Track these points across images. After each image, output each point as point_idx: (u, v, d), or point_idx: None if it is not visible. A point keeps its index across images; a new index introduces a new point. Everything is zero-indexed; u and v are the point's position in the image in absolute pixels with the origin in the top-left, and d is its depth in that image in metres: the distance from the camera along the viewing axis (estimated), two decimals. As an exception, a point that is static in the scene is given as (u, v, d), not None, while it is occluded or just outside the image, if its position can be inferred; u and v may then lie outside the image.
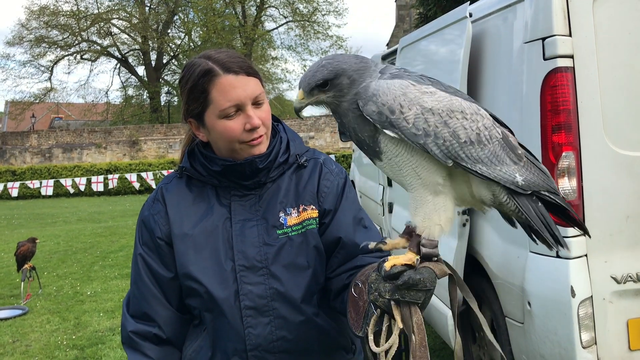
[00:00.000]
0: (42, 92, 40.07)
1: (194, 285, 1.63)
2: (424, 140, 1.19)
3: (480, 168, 1.22)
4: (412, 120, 1.19)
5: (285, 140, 1.73)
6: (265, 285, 1.61)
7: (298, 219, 1.66)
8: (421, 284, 1.21)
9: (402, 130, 1.19)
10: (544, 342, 2.87)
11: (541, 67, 2.83)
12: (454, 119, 1.22)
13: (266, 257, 1.62)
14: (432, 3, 10.25)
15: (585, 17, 2.79)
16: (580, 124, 2.78)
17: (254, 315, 1.60)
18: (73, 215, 17.57)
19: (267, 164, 1.65)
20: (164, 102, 41.07)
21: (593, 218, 2.79)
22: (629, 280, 2.80)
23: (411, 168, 1.23)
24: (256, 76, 1.62)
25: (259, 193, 1.69)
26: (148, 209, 1.76)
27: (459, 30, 3.62)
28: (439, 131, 1.20)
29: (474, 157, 1.22)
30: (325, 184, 1.72)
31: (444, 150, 1.20)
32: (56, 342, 5.67)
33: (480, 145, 1.23)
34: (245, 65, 1.59)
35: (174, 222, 1.69)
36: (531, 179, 1.27)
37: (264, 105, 1.62)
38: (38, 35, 37.88)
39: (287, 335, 1.62)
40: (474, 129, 1.23)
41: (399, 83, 1.23)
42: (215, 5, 37.74)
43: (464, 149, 1.21)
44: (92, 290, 7.58)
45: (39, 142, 30.42)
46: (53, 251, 10.65)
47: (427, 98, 1.22)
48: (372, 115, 1.20)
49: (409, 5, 29.21)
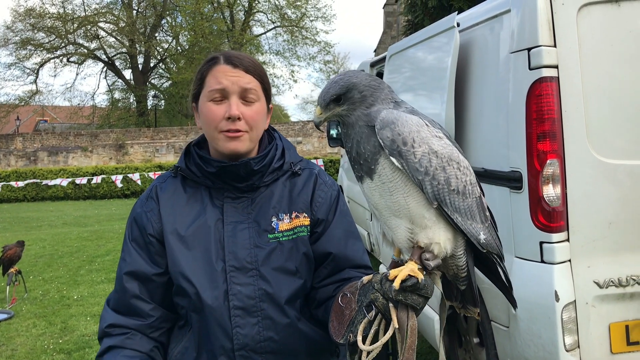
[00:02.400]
0: (27, 94, 39.67)
1: (184, 284, 1.65)
2: (422, 177, 1.27)
3: (457, 217, 1.31)
4: (419, 157, 1.27)
5: (280, 147, 1.78)
6: (255, 286, 1.64)
7: (290, 225, 1.69)
8: (424, 290, 1.28)
9: (408, 162, 1.27)
10: (528, 345, 2.92)
11: (527, 77, 2.89)
12: (451, 166, 1.31)
13: (256, 258, 1.65)
14: (420, 11, 10.31)
15: (570, 28, 2.86)
16: (565, 133, 2.84)
17: (242, 315, 1.63)
18: (58, 219, 17.41)
19: (261, 167, 1.69)
20: (151, 106, 40.83)
21: (577, 224, 2.86)
22: (611, 285, 2.87)
23: (402, 196, 1.30)
24: (255, 76, 1.66)
25: (252, 197, 1.72)
26: (141, 206, 1.77)
27: (446, 39, 3.68)
28: (437, 173, 1.28)
29: (455, 205, 1.31)
30: (320, 194, 1.77)
31: (435, 191, 1.28)
32: (42, 346, 5.64)
33: (463, 197, 1.32)
34: (248, 64, 1.65)
35: (167, 221, 1.71)
36: (490, 240, 1.38)
37: (254, 106, 1.66)
38: (24, 38, 37.48)
39: (274, 336, 1.64)
40: (462, 181, 1.33)
41: (416, 120, 1.31)
42: (203, 9, 37.66)
43: (450, 195, 1.30)
44: (79, 295, 7.54)
45: (24, 145, 30.12)
46: (39, 255, 10.56)
47: (435, 141, 1.31)
48: (385, 140, 1.27)
49: (396, 12, 29.38)
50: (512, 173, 3.01)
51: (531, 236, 2.90)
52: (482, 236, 1.35)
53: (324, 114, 1.36)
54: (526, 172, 2.91)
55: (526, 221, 2.93)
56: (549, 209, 2.83)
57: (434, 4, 9.65)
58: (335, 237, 1.74)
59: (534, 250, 2.89)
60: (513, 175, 3.00)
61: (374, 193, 1.33)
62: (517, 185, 2.97)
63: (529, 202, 2.91)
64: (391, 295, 1.29)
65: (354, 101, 1.34)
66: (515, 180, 2.98)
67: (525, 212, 2.93)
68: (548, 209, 2.84)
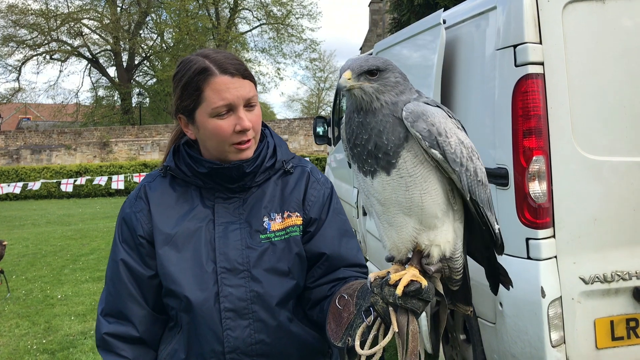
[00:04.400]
0: (9, 92, 39.18)
1: (172, 286, 1.62)
2: (459, 169, 1.23)
3: (484, 209, 1.28)
4: (454, 147, 1.23)
5: (272, 145, 1.75)
6: (246, 288, 1.61)
7: (282, 224, 1.67)
8: (425, 294, 1.24)
9: (446, 152, 1.22)
10: (515, 341, 2.93)
11: (512, 74, 2.90)
12: (475, 157, 1.28)
13: (248, 260, 1.62)
14: (406, 9, 10.33)
15: (555, 25, 2.87)
16: (550, 129, 2.86)
17: (233, 317, 1.60)
18: (42, 217, 17.23)
19: (253, 168, 1.66)
20: (136, 104, 40.51)
21: (562, 220, 2.87)
22: (596, 281, 2.89)
23: (419, 193, 1.24)
24: (251, 79, 1.63)
25: (243, 197, 1.69)
26: (130, 206, 1.73)
27: (432, 36, 3.68)
28: (469, 164, 1.25)
29: (481, 197, 1.27)
30: (313, 193, 1.74)
31: (469, 182, 1.24)
32: (25, 346, 5.57)
33: (484, 187, 1.29)
34: (241, 68, 1.60)
35: (157, 221, 1.67)
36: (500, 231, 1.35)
37: (256, 109, 1.63)
38: (5, 34, 36.99)
39: (266, 339, 1.62)
40: (483, 172, 1.29)
41: (440, 112, 1.26)
42: (188, 6, 37.42)
43: (478, 187, 1.27)
44: (63, 294, 7.47)
45: (6, 143, 29.75)
46: (22, 254, 10.44)
47: (460, 132, 1.27)
48: (422, 132, 1.21)
49: (382, 10, 29.42)
50: (498, 170, 3.02)
51: (517, 233, 2.91)
52: (497, 226, 1.33)
53: (353, 81, 1.24)
54: (512, 168, 2.92)
55: (512, 218, 2.94)
56: (535, 206, 2.84)
57: (420, 1, 9.67)
58: (329, 237, 1.71)
59: (520, 246, 2.90)
60: (499, 172, 3.00)
61: (387, 188, 1.26)
62: (503, 182, 2.98)
63: (515, 198, 2.92)
64: (392, 301, 1.25)
65: (387, 83, 1.26)
66: (501, 177, 2.99)
67: (512, 208, 2.94)
68: (534, 205, 2.85)
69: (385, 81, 1.26)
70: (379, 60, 1.26)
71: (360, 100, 1.24)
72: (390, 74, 1.27)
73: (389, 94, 1.25)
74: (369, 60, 1.26)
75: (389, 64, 1.27)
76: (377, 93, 1.25)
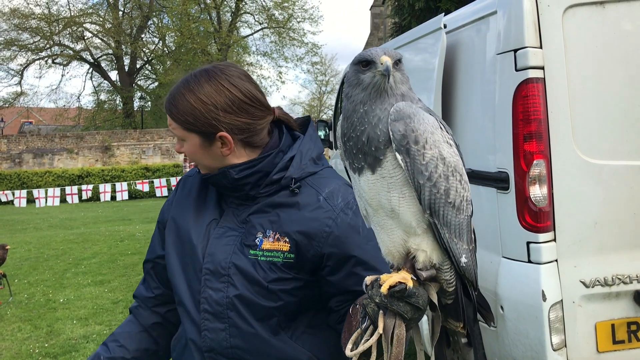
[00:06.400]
0: (11, 96, 39.39)
1: (170, 276, 1.74)
2: (423, 182, 1.17)
3: (445, 232, 1.21)
4: (427, 160, 1.17)
5: (288, 157, 1.65)
6: (224, 294, 1.60)
7: (272, 245, 1.60)
8: (413, 299, 1.20)
9: (414, 162, 1.16)
10: (516, 345, 2.94)
11: (513, 78, 2.91)
12: (454, 177, 1.21)
13: (230, 266, 1.61)
14: (407, 13, 10.33)
15: (555, 29, 2.88)
16: (551, 133, 2.86)
17: (211, 319, 1.62)
18: (44, 221, 17.26)
19: (246, 176, 1.62)
20: (137, 107, 40.61)
21: (563, 224, 2.88)
22: (597, 284, 2.89)
23: (397, 196, 1.20)
24: (176, 121, 1.63)
25: (251, 206, 1.66)
26: (170, 195, 1.92)
27: (433, 40, 3.69)
28: (439, 181, 1.18)
29: (447, 219, 1.21)
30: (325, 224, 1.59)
31: (432, 200, 1.18)
32: (28, 350, 5.58)
33: (457, 212, 1.22)
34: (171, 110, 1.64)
35: (173, 212, 1.80)
36: (469, 265, 1.27)
37: (185, 144, 1.66)
38: (8, 38, 37.15)
39: (241, 345, 1.61)
40: (460, 195, 1.22)
41: (432, 120, 1.21)
42: (190, 10, 37.53)
43: (445, 207, 1.20)
44: (65, 298, 7.48)
45: (9, 147, 29.82)
46: (24, 258, 10.46)
47: (445, 147, 1.21)
48: (395, 133, 1.16)
49: (383, 14, 29.48)
50: (498, 174, 3.03)
51: (518, 236, 2.92)
52: (464, 259, 1.25)
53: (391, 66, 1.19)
54: (513, 172, 2.93)
55: (513, 221, 2.94)
56: (536, 209, 2.85)
57: (421, 6, 9.68)
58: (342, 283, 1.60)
59: (520, 250, 2.91)
60: (500, 176, 3.01)
61: (372, 188, 1.22)
62: (504, 185, 2.99)
63: (515, 202, 2.92)
64: (378, 301, 1.23)
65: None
66: (502, 181, 3.00)
67: (512, 212, 2.94)
68: (535, 209, 2.85)
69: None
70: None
71: (385, 86, 1.21)
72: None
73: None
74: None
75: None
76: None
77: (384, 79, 1.18)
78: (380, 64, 1.18)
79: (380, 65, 1.18)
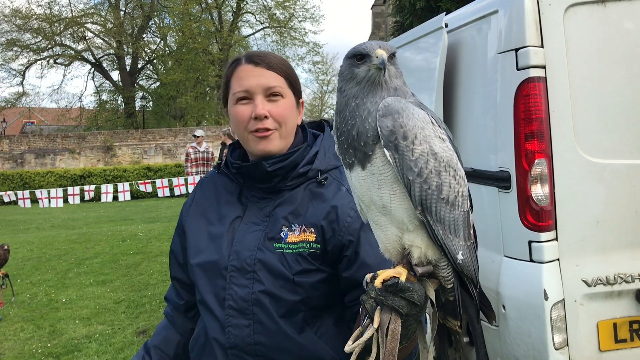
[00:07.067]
0: (13, 96, 39.39)
1: (192, 276, 1.74)
2: (413, 178, 1.15)
3: (438, 228, 1.19)
4: (417, 156, 1.15)
5: (314, 152, 1.70)
6: (249, 289, 1.62)
7: (297, 237, 1.62)
8: (408, 294, 1.19)
9: (403, 159, 1.14)
10: (518, 344, 2.94)
11: (514, 77, 2.91)
12: (447, 173, 1.18)
13: (255, 262, 1.62)
14: (408, 12, 10.32)
15: (557, 28, 2.88)
16: (552, 132, 2.87)
17: (236, 315, 1.63)
18: (46, 221, 17.28)
19: (278, 169, 1.64)
20: (139, 107, 40.62)
21: (564, 223, 2.88)
22: (599, 283, 2.89)
23: (388, 193, 1.18)
24: (279, 72, 1.63)
25: (275, 199, 1.68)
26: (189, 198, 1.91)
27: (435, 39, 3.70)
28: (430, 177, 1.16)
29: (440, 215, 1.18)
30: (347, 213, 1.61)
31: (423, 196, 1.16)
32: (30, 350, 5.59)
33: (451, 208, 1.20)
34: (270, 60, 1.63)
35: (193, 212, 1.81)
36: (468, 262, 1.25)
37: (280, 102, 1.62)
38: (10, 39, 37.18)
39: (265, 341, 1.61)
40: (454, 191, 1.20)
41: (422, 115, 1.19)
42: (191, 10, 37.55)
43: (438, 203, 1.18)
44: (67, 298, 7.48)
45: (11, 147, 29.85)
46: (26, 258, 10.46)
47: (437, 142, 1.19)
48: (383, 129, 1.15)
49: (384, 13, 29.45)
50: (500, 173, 3.03)
51: (520, 235, 2.92)
52: (460, 256, 1.22)
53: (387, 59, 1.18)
54: (514, 171, 2.93)
55: (515, 220, 2.95)
56: (538, 209, 2.85)
57: (422, 5, 9.67)
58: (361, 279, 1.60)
59: (522, 249, 2.91)
60: (501, 175, 3.01)
61: (363, 184, 1.21)
62: (506, 184, 2.99)
63: (517, 201, 2.92)
64: (373, 295, 1.22)
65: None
66: (503, 180, 3.00)
67: (514, 211, 2.95)
68: (536, 208, 2.85)
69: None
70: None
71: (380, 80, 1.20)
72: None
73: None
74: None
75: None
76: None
77: (380, 73, 1.18)
78: (375, 57, 1.17)
79: (375, 59, 1.17)
